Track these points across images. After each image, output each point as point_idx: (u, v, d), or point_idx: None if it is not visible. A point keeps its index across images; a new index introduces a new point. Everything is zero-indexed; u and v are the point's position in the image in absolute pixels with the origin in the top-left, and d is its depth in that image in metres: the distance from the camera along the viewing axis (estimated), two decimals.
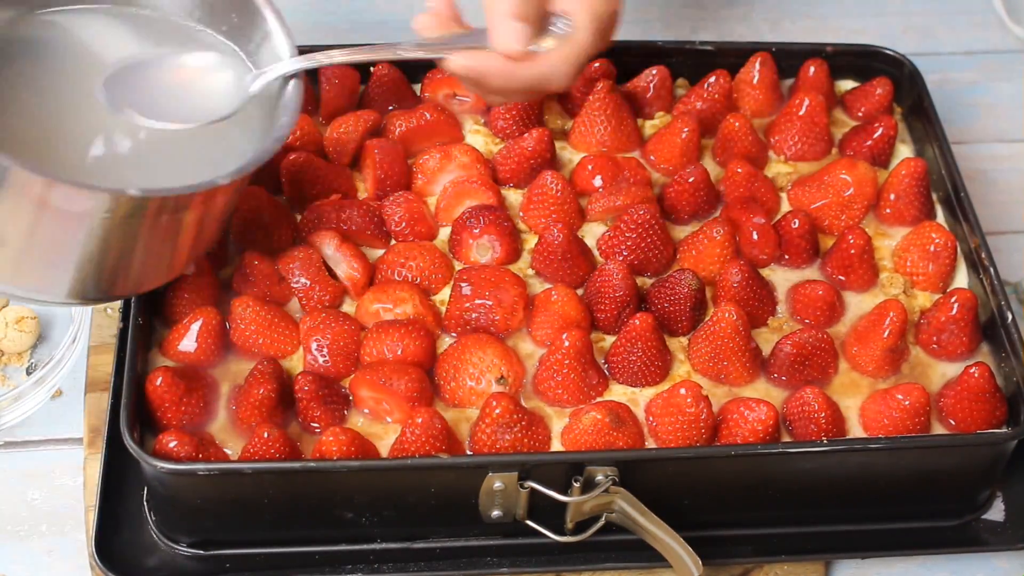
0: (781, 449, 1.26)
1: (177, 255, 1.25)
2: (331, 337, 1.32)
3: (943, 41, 1.92)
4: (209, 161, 1.25)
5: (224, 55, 1.34)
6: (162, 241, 1.21)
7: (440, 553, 1.30)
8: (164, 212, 1.17)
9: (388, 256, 1.41)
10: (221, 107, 1.27)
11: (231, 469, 1.22)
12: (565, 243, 1.39)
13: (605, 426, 1.27)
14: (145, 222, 1.17)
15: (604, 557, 1.31)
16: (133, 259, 1.21)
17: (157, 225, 1.18)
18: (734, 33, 1.90)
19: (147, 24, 1.35)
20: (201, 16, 1.35)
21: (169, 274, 1.28)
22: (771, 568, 1.34)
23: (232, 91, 1.29)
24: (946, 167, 1.50)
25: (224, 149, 1.28)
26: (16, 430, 1.42)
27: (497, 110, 1.54)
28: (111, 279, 1.22)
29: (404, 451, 1.24)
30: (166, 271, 1.27)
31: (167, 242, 1.22)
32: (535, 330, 1.36)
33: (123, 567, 1.27)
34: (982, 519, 1.36)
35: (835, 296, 1.40)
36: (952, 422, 1.33)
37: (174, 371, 1.27)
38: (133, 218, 1.15)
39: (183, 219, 1.20)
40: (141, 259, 1.22)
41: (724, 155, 1.53)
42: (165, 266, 1.26)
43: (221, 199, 1.22)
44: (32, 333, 1.46)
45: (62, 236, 1.16)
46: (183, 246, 1.24)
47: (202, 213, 1.21)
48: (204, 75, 1.30)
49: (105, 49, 1.32)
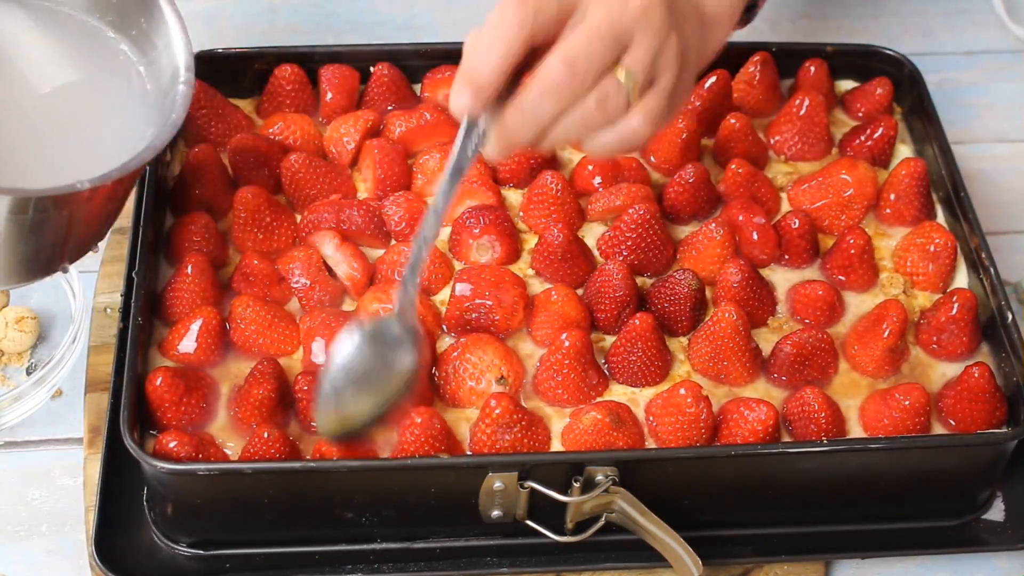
0: (781, 449, 1.26)
1: (44, 253, 1.24)
2: (331, 337, 1.32)
3: (943, 41, 1.91)
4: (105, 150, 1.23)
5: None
6: (26, 239, 1.20)
7: (440, 553, 1.30)
8: (24, 211, 1.16)
9: (388, 256, 1.40)
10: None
11: (231, 469, 1.22)
12: (565, 243, 1.39)
13: (605, 426, 1.27)
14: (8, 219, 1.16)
15: (604, 557, 1.31)
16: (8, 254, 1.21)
17: (15, 222, 1.17)
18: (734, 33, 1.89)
19: (55, 21, 1.34)
20: (113, 19, 1.34)
21: (42, 271, 1.27)
22: (771, 568, 1.34)
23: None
24: (946, 167, 1.50)
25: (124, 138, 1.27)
26: (16, 430, 1.42)
27: None
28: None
29: (404, 451, 1.24)
30: (38, 268, 1.27)
31: (32, 240, 1.21)
32: (535, 330, 1.36)
33: (123, 567, 1.27)
34: (982, 519, 1.36)
35: (835, 296, 1.40)
36: (952, 422, 1.33)
37: (174, 371, 1.27)
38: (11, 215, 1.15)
39: (48, 219, 1.19)
40: (6, 254, 1.21)
41: (724, 155, 1.53)
42: (35, 263, 1.25)
43: (87, 203, 1.20)
44: (32, 333, 1.46)
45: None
46: (54, 244, 1.23)
47: (69, 214, 1.20)
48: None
49: (11, 45, 1.32)
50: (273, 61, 1.54)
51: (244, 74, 1.55)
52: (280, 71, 1.53)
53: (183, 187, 1.44)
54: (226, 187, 1.45)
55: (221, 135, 1.49)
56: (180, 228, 1.39)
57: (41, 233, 1.21)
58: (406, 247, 1.40)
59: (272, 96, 1.54)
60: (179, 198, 1.44)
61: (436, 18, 1.89)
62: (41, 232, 1.20)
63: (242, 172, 1.46)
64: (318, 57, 1.55)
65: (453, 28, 1.86)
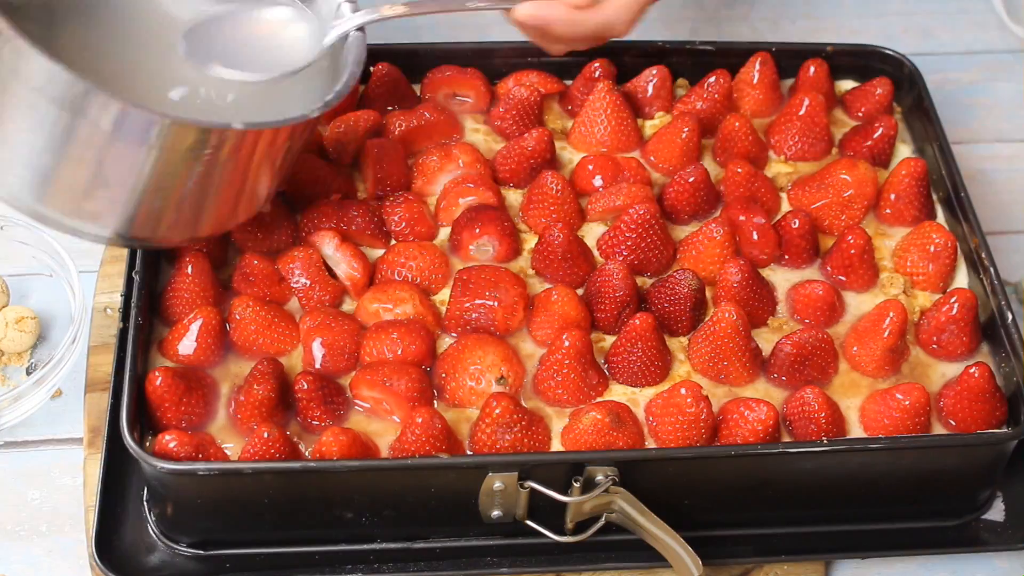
0: (781, 449, 1.26)
1: (262, 188, 1.29)
2: (331, 337, 1.32)
3: (943, 41, 1.92)
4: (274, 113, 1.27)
5: (295, 9, 1.37)
6: (256, 174, 1.25)
7: (440, 553, 1.30)
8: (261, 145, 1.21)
9: (388, 256, 1.41)
10: (297, 59, 1.31)
11: (231, 469, 1.22)
12: (565, 243, 1.39)
13: (605, 426, 1.27)
14: (242, 156, 1.21)
15: (604, 557, 1.31)
16: (230, 194, 1.25)
17: (252, 159, 1.22)
18: (734, 33, 1.90)
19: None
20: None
21: (250, 210, 1.31)
22: (771, 568, 1.34)
23: (306, 44, 1.33)
24: (946, 167, 1.50)
25: (286, 102, 1.32)
26: (16, 430, 1.42)
27: (495, 110, 1.54)
28: (206, 215, 1.26)
29: (404, 451, 1.24)
30: (250, 206, 1.31)
31: (260, 175, 1.26)
32: (535, 330, 1.36)
33: (123, 567, 1.27)
34: (982, 519, 1.36)
35: (835, 296, 1.40)
36: (952, 422, 1.33)
37: (174, 371, 1.27)
38: (234, 152, 1.20)
39: (276, 153, 1.25)
40: (235, 194, 1.26)
41: (724, 155, 1.53)
42: (251, 200, 1.30)
43: (300, 136, 1.27)
44: (32, 333, 1.46)
45: (169, 174, 1.19)
46: (270, 181, 1.29)
47: (286, 148, 1.26)
48: (279, 28, 1.34)
49: (178, 3, 1.37)
50: None
51: None
52: None
53: None
54: None
55: None
56: None
57: (266, 165, 1.26)
58: (406, 247, 1.40)
59: None
60: None
61: (436, 18, 1.89)
62: (266, 164, 1.26)
63: None
64: None
65: (453, 28, 1.86)
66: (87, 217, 1.22)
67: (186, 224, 1.26)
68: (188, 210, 1.24)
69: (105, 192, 1.20)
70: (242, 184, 1.25)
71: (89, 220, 1.23)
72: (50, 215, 1.22)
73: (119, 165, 1.18)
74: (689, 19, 1.92)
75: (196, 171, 1.20)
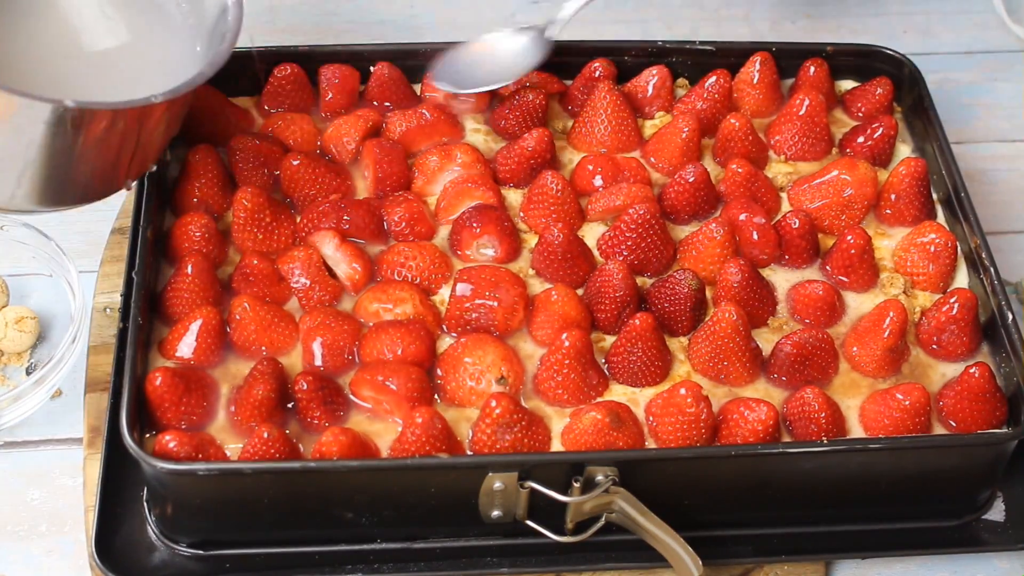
0: (781, 449, 1.26)
1: (118, 168, 1.31)
2: (331, 337, 1.32)
3: (943, 41, 1.92)
4: (149, 79, 1.32)
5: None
6: (101, 153, 1.27)
7: (440, 553, 1.30)
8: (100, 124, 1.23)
9: (388, 256, 1.41)
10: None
11: (231, 469, 1.22)
12: (565, 243, 1.39)
13: (605, 426, 1.27)
14: (84, 133, 1.23)
15: (604, 557, 1.31)
16: (74, 168, 1.27)
17: (92, 137, 1.24)
18: (734, 33, 1.90)
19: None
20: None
21: (109, 187, 1.34)
22: (771, 568, 1.34)
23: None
24: (946, 167, 1.50)
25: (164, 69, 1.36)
26: (16, 430, 1.42)
27: (499, 110, 1.54)
28: (55, 187, 1.29)
29: (404, 451, 1.24)
30: (107, 183, 1.33)
31: (106, 154, 1.28)
32: (535, 330, 1.36)
33: (123, 567, 1.27)
34: (982, 519, 1.36)
35: (835, 296, 1.40)
36: (952, 422, 1.33)
37: (173, 371, 1.27)
38: (73, 128, 1.22)
39: (119, 133, 1.26)
40: (82, 169, 1.27)
41: (724, 155, 1.53)
42: (106, 178, 1.32)
43: (156, 117, 1.28)
44: (32, 333, 1.46)
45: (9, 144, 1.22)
46: (122, 160, 1.30)
47: (137, 129, 1.27)
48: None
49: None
50: (273, 61, 1.54)
51: (244, 74, 1.55)
52: (280, 71, 1.53)
53: (183, 187, 1.44)
54: (226, 187, 1.45)
55: (221, 135, 1.49)
56: (180, 228, 1.39)
57: (109, 147, 1.27)
58: (406, 247, 1.40)
59: (272, 96, 1.54)
60: (179, 198, 1.44)
61: (436, 18, 1.89)
62: (109, 146, 1.27)
63: (242, 172, 1.46)
64: (318, 57, 1.55)
65: (453, 28, 1.86)
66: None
67: (40, 194, 1.29)
68: (39, 180, 1.27)
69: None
70: (96, 161, 1.28)
71: None
72: None
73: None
74: (689, 19, 1.92)
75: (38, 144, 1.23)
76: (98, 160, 1.28)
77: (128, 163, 1.32)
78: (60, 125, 1.21)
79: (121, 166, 1.31)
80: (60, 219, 1.61)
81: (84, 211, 1.61)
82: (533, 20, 1.52)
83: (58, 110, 1.19)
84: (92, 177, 1.30)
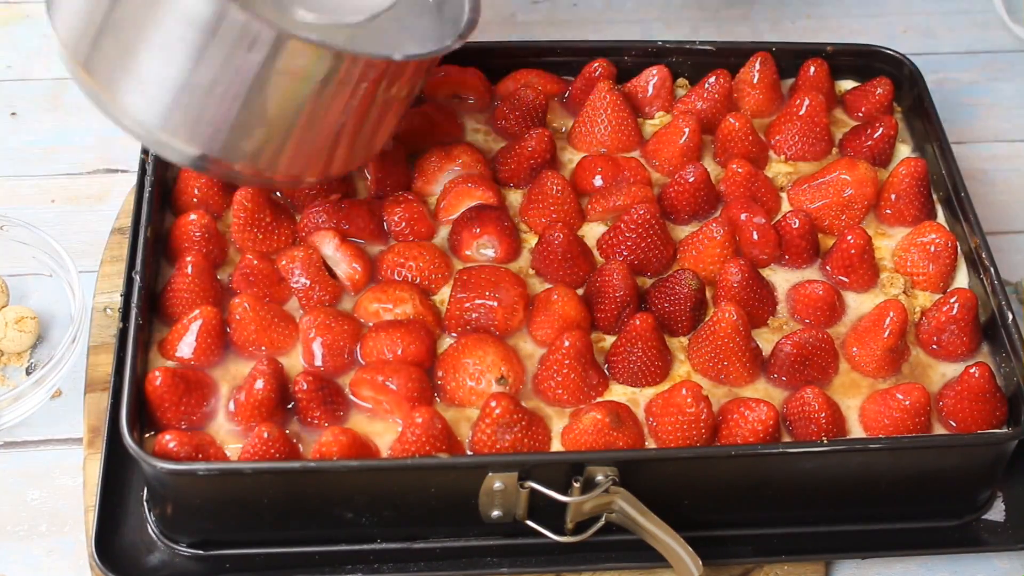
0: (781, 449, 1.26)
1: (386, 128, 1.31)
2: (331, 337, 1.32)
3: (943, 41, 1.92)
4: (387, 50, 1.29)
5: None
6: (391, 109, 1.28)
7: (440, 553, 1.30)
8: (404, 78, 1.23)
9: (388, 256, 1.41)
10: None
11: (231, 469, 1.22)
12: (565, 243, 1.39)
13: (605, 426, 1.27)
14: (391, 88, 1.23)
15: (604, 557, 1.31)
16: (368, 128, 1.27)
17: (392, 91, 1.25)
18: (734, 33, 1.90)
19: None
20: None
21: (369, 153, 1.34)
22: (771, 568, 1.34)
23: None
24: (946, 167, 1.50)
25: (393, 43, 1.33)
26: (16, 430, 1.42)
27: (499, 110, 1.54)
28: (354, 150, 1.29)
29: (404, 451, 1.24)
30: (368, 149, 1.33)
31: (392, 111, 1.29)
32: (535, 330, 1.36)
33: (123, 567, 1.27)
34: (982, 519, 1.36)
35: (835, 296, 1.40)
36: (952, 422, 1.33)
37: (173, 371, 1.27)
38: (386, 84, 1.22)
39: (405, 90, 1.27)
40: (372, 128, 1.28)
41: (724, 155, 1.53)
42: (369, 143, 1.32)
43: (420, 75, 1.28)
44: (32, 333, 1.46)
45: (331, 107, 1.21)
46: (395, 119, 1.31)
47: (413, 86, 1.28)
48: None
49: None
50: None
51: None
52: None
53: (183, 187, 1.44)
54: (226, 187, 1.45)
55: None
56: (180, 228, 1.39)
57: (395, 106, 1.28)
58: (406, 247, 1.40)
59: None
60: (179, 198, 1.44)
61: None
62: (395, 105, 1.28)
63: None
64: None
65: None
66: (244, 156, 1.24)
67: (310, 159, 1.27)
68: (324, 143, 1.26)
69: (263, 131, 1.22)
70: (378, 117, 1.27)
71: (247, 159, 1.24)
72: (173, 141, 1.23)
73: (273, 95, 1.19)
74: (689, 19, 1.92)
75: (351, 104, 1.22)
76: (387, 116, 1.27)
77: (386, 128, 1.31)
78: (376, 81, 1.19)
79: (385, 130, 1.30)
80: (60, 219, 1.61)
81: (84, 211, 1.63)
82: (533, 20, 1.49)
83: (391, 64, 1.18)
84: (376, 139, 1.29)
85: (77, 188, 1.65)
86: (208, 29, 1.16)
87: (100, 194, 1.64)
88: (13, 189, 1.64)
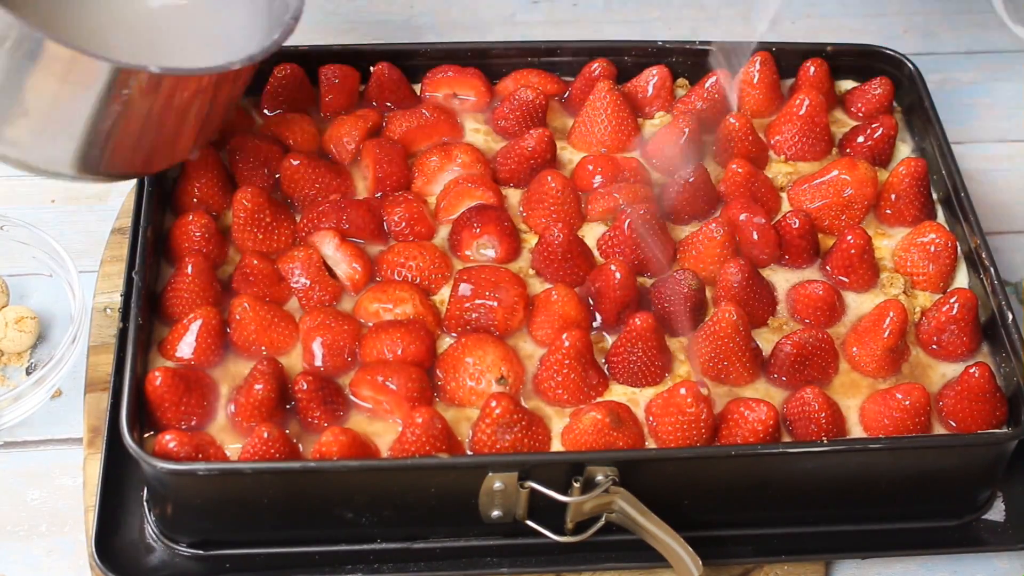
0: (781, 449, 1.26)
1: (184, 136, 1.30)
2: (331, 337, 1.32)
3: (943, 41, 1.92)
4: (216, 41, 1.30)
5: None
6: (172, 119, 1.25)
7: (440, 553, 1.30)
8: (177, 91, 1.22)
9: (388, 256, 1.41)
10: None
11: (231, 469, 1.22)
12: (565, 243, 1.39)
13: (605, 426, 1.27)
14: (159, 99, 1.21)
15: (604, 557, 1.31)
16: (143, 135, 1.25)
17: (170, 103, 1.23)
18: (734, 33, 1.90)
19: None
20: None
21: (174, 156, 1.32)
22: (771, 568, 1.34)
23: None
24: (946, 167, 1.50)
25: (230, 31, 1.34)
26: (16, 430, 1.42)
27: (499, 110, 1.54)
28: (121, 154, 1.27)
29: (404, 451, 1.24)
30: (172, 152, 1.32)
31: (176, 121, 1.26)
32: (535, 330, 1.36)
33: (123, 567, 1.27)
34: (982, 519, 1.36)
35: (835, 296, 1.40)
36: (952, 422, 1.33)
37: (173, 371, 1.27)
38: (149, 94, 1.20)
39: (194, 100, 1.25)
40: (150, 136, 1.26)
41: (724, 155, 1.53)
42: (172, 146, 1.30)
43: (230, 84, 1.27)
44: (32, 333, 1.46)
45: (80, 107, 1.20)
46: (191, 127, 1.29)
47: (212, 96, 1.26)
48: None
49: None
50: (273, 61, 1.54)
51: None
52: (279, 71, 1.53)
53: (183, 187, 1.44)
54: (226, 187, 1.45)
55: (221, 135, 1.49)
56: (180, 228, 1.39)
57: (182, 113, 1.26)
58: (406, 247, 1.40)
59: (272, 96, 1.54)
60: (179, 198, 1.44)
61: (436, 18, 1.89)
62: (182, 112, 1.26)
63: (242, 172, 1.46)
64: (318, 57, 1.55)
65: (453, 28, 1.86)
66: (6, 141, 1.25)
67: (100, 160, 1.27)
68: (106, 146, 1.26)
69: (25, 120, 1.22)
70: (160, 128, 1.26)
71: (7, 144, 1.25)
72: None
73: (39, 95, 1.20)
74: (689, 19, 1.92)
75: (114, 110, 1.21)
76: (168, 126, 1.26)
77: (196, 132, 1.30)
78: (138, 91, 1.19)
79: (188, 135, 1.29)
80: (60, 219, 1.61)
81: (84, 211, 1.62)
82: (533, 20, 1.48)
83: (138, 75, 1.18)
84: (159, 144, 1.28)
85: (77, 188, 1.65)
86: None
87: (100, 194, 1.64)
88: (13, 189, 1.64)
